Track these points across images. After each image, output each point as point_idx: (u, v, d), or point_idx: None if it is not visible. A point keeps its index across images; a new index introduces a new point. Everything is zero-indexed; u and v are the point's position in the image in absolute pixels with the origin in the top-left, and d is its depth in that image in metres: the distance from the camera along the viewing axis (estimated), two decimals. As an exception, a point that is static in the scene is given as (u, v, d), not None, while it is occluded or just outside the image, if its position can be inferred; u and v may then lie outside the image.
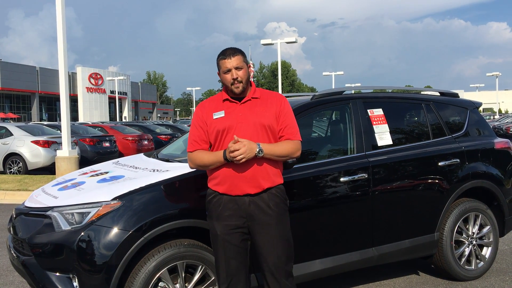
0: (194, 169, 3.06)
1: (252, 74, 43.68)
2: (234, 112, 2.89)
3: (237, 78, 2.85)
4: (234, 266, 2.90)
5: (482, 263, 4.53)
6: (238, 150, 2.70)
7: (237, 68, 2.85)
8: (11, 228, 3.56)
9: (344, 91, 4.22)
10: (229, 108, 2.90)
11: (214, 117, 2.89)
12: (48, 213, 3.22)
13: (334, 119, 4.70)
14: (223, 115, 2.89)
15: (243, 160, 2.72)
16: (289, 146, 2.90)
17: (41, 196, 3.62)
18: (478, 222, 4.49)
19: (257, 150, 2.75)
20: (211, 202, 2.93)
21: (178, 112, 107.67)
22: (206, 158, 2.87)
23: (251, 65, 42.05)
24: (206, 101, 3.04)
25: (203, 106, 3.00)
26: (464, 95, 69.12)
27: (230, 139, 2.81)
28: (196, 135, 2.93)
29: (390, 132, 4.13)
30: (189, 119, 65.74)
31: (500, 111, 71.08)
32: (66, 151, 10.75)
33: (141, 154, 4.57)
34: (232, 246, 2.88)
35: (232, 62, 2.85)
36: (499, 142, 4.74)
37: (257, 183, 2.84)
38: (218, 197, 2.90)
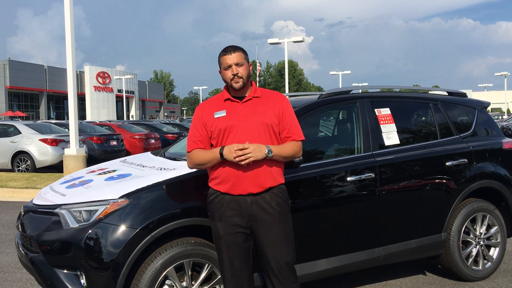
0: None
1: (258, 73, 43.50)
2: (235, 111, 2.88)
3: (237, 73, 2.84)
4: (238, 266, 2.91)
5: (489, 263, 4.50)
6: (246, 148, 2.70)
7: (237, 64, 2.86)
8: (20, 226, 3.59)
9: (351, 90, 4.21)
10: (231, 108, 2.89)
11: (216, 116, 2.88)
12: (56, 210, 3.24)
13: (341, 118, 4.69)
14: (224, 114, 2.88)
15: (252, 159, 2.72)
16: (295, 147, 2.92)
17: (49, 193, 3.64)
18: (485, 223, 4.47)
19: (267, 150, 2.76)
20: (212, 202, 2.93)
21: (185, 111, 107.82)
22: (202, 155, 2.88)
23: (258, 64, 41.99)
24: (206, 102, 3.03)
25: (202, 107, 3.00)
26: (473, 95, 68.61)
27: (231, 139, 2.81)
28: (195, 135, 2.94)
29: (398, 132, 4.12)
30: (196, 118, 65.72)
31: (508, 111, 70.54)
32: (74, 150, 10.81)
33: (148, 153, 4.58)
34: (236, 246, 2.88)
35: (232, 58, 2.85)
36: (508, 142, 4.71)
37: (260, 182, 2.83)
38: (220, 197, 2.89)
